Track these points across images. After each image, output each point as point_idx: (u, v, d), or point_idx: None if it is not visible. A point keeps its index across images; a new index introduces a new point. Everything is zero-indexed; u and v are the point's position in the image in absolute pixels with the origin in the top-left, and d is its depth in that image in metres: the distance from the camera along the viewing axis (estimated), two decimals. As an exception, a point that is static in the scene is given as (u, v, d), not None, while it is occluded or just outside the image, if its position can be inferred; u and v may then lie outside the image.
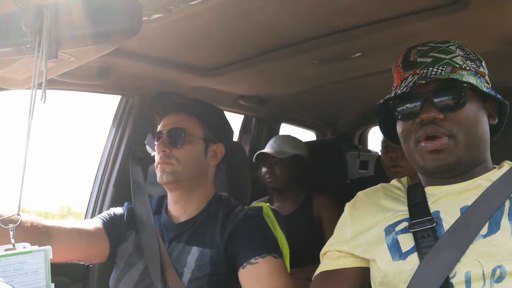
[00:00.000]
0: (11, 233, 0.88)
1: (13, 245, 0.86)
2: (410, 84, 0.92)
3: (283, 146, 2.28)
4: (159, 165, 1.35)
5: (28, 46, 0.73)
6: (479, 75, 0.96)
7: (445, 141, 0.90)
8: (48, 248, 0.87)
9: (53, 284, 0.85)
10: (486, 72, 1.00)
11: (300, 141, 2.38)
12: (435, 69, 0.94)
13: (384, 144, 2.00)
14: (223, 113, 1.52)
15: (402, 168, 1.85)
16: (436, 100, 0.91)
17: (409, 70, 0.98)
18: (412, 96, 0.94)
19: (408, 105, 0.95)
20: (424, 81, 0.91)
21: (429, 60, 0.96)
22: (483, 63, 1.00)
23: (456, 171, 0.93)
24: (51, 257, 0.87)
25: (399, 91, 0.94)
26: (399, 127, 0.99)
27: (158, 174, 1.35)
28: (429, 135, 0.91)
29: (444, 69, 0.94)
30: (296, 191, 2.34)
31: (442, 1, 1.24)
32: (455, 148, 0.90)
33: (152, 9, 1.10)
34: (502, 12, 1.30)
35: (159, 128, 1.41)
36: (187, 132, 1.36)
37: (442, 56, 0.96)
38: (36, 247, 0.87)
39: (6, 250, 0.85)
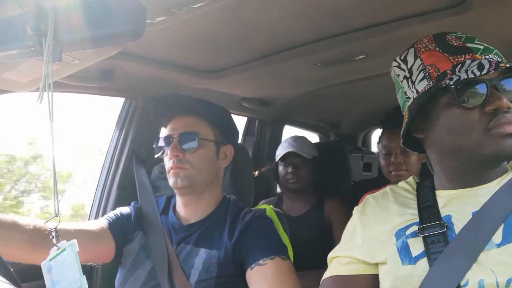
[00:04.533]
0: (53, 233, 0.93)
1: (56, 245, 0.92)
2: (492, 65, 0.84)
3: (305, 146, 2.27)
4: (172, 170, 1.34)
5: (33, 49, 0.74)
6: None
7: None
8: (73, 242, 0.92)
9: (84, 276, 0.90)
10: None
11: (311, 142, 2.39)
12: (492, 56, 0.90)
13: (384, 149, 1.97)
14: (230, 114, 1.52)
15: (406, 172, 1.83)
16: (504, 88, 0.86)
17: (463, 55, 0.90)
18: (477, 83, 0.86)
19: (475, 91, 0.86)
20: (508, 64, 0.84)
21: (481, 47, 0.91)
22: None
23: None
24: (77, 250, 0.91)
25: (477, 72, 0.84)
26: (457, 116, 0.88)
27: (172, 179, 1.34)
28: (507, 122, 0.84)
29: (496, 58, 0.90)
30: (309, 193, 2.33)
31: (445, 2, 1.24)
32: None
33: (155, 12, 1.11)
34: (506, 14, 1.30)
35: (168, 131, 1.39)
36: (200, 136, 1.35)
37: (488, 46, 0.92)
38: (67, 243, 0.92)
39: (57, 250, 0.92)
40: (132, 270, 1.32)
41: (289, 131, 2.88)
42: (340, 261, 1.01)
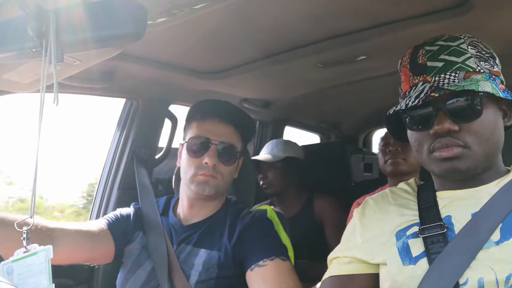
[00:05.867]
0: (24, 235, 0.92)
1: (25, 248, 0.90)
2: (422, 96, 0.87)
3: (274, 150, 2.26)
4: (201, 176, 1.31)
5: (34, 50, 0.74)
6: (493, 77, 0.91)
7: (459, 150, 0.86)
8: (48, 247, 0.89)
9: (53, 285, 0.87)
10: (500, 68, 0.95)
11: (293, 143, 2.36)
12: (447, 76, 0.89)
13: (383, 142, 1.94)
14: (255, 125, 1.52)
15: (403, 160, 1.78)
16: (450, 110, 0.87)
17: (418, 76, 0.93)
18: (424, 105, 0.89)
19: (420, 115, 0.91)
20: (437, 94, 0.86)
21: (440, 64, 0.91)
22: (497, 60, 0.95)
23: (469, 175, 0.91)
24: (51, 256, 0.89)
25: (410, 103, 0.88)
26: (411, 136, 0.95)
27: (199, 185, 1.31)
28: (443, 147, 0.88)
29: (457, 75, 0.89)
30: (296, 194, 2.33)
31: (446, 3, 1.24)
32: (469, 157, 0.87)
33: (156, 13, 1.11)
34: (507, 15, 1.30)
35: (201, 132, 1.35)
36: (238, 150, 1.37)
37: (454, 59, 0.91)
38: (41, 248, 0.90)
39: (24, 252, 0.89)
40: (133, 270, 1.32)
41: (290, 132, 2.88)
42: (340, 261, 1.01)
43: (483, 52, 0.93)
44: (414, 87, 0.93)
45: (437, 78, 0.90)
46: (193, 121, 1.39)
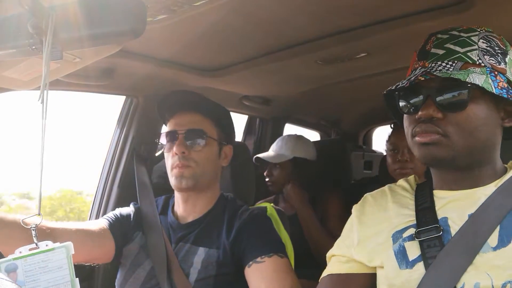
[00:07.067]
0: (33, 233, 0.93)
1: (36, 244, 0.90)
2: (412, 78, 0.89)
3: (282, 148, 2.23)
4: (176, 169, 1.32)
5: (34, 47, 0.74)
6: (495, 73, 0.88)
7: (436, 137, 0.86)
8: (69, 244, 0.91)
9: (77, 279, 0.89)
10: (510, 67, 0.92)
11: (305, 142, 2.31)
12: (443, 64, 0.89)
13: (391, 146, 1.97)
14: (230, 114, 1.52)
15: (411, 170, 1.84)
16: (437, 98, 0.87)
17: (420, 61, 0.94)
18: (416, 91, 0.90)
19: (410, 99, 0.92)
20: (423, 78, 0.87)
21: (441, 52, 0.90)
22: (509, 57, 0.92)
23: (452, 166, 0.90)
24: (72, 252, 0.90)
25: (400, 84, 0.90)
26: (404, 119, 0.96)
27: (176, 179, 1.32)
28: (422, 132, 0.89)
29: (454, 64, 0.88)
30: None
31: (447, 0, 1.24)
32: (447, 146, 0.86)
33: (156, 10, 1.11)
34: (507, 12, 1.29)
35: (171, 127, 1.38)
36: (207, 134, 1.36)
37: (457, 48, 0.90)
38: (57, 244, 0.91)
39: (30, 249, 0.90)
40: (132, 270, 1.33)
41: (290, 130, 2.88)
42: (339, 259, 1.01)
43: (496, 48, 0.91)
44: (414, 71, 0.94)
45: (433, 65, 0.90)
46: (166, 122, 1.42)
